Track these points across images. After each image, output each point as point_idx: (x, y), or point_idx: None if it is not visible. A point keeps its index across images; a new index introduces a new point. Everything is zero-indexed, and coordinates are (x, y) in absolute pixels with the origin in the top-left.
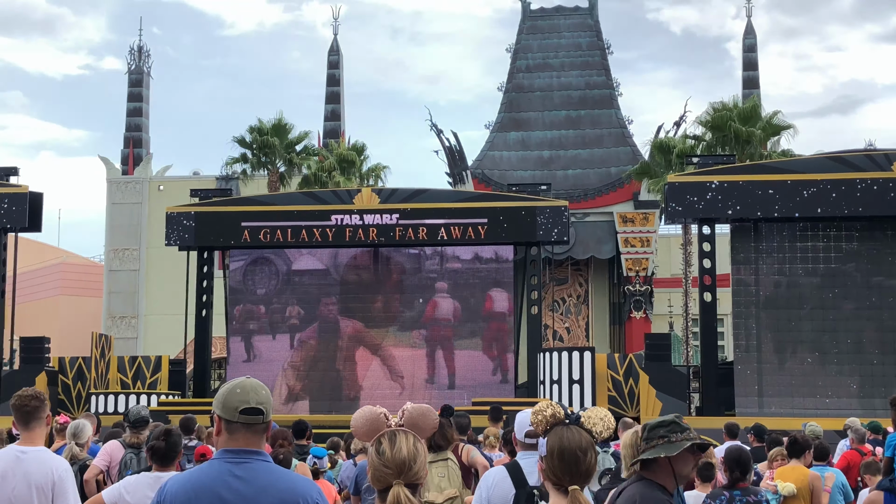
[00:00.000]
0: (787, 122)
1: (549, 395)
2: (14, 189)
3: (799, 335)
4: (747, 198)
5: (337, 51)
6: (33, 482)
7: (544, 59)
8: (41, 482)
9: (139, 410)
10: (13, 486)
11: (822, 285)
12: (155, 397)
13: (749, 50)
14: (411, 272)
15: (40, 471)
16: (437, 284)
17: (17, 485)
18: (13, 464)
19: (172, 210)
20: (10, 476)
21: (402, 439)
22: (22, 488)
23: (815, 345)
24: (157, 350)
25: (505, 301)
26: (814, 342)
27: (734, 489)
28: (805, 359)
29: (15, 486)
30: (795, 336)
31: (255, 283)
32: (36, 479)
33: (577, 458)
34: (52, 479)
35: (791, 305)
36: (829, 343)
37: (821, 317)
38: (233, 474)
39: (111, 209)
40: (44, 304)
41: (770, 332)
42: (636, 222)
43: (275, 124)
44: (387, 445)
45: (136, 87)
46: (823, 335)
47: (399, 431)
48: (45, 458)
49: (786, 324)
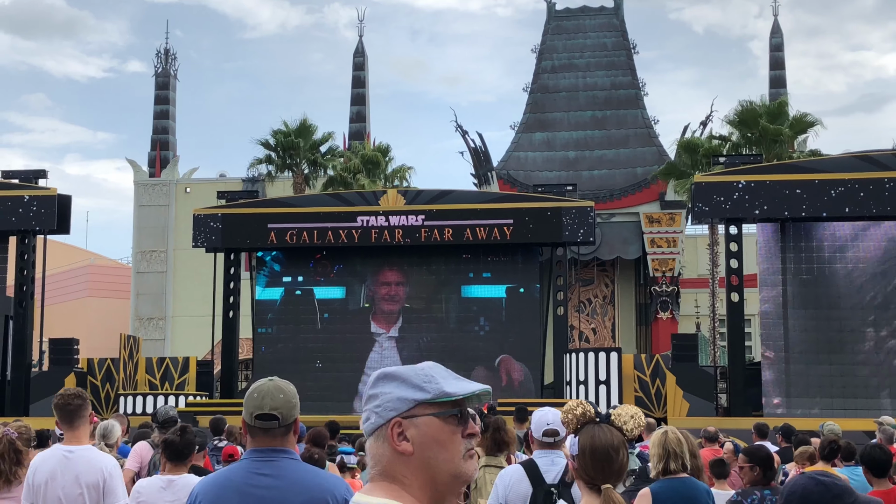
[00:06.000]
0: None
1: (576, 396)
2: (42, 192)
3: (827, 335)
4: (774, 197)
5: (362, 52)
6: (83, 481)
7: (570, 60)
8: (92, 481)
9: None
10: (62, 485)
11: (851, 285)
12: (183, 398)
13: (776, 49)
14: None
15: (91, 469)
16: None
17: (66, 483)
18: (62, 463)
19: (199, 212)
20: (59, 475)
21: None
22: (72, 487)
23: (844, 345)
24: (184, 351)
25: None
26: (842, 342)
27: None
28: (833, 359)
29: (64, 484)
30: (823, 336)
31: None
32: (87, 478)
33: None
34: (102, 477)
35: (819, 305)
36: (858, 343)
37: (849, 316)
38: (260, 472)
39: (138, 211)
40: (72, 305)
41: (798, 332)
42: (662, 223)
43: (299, 126)
44: None
45: (162, 90)
46: (852, 335)
47: None
48: (94, 456)
49: (814, 324)
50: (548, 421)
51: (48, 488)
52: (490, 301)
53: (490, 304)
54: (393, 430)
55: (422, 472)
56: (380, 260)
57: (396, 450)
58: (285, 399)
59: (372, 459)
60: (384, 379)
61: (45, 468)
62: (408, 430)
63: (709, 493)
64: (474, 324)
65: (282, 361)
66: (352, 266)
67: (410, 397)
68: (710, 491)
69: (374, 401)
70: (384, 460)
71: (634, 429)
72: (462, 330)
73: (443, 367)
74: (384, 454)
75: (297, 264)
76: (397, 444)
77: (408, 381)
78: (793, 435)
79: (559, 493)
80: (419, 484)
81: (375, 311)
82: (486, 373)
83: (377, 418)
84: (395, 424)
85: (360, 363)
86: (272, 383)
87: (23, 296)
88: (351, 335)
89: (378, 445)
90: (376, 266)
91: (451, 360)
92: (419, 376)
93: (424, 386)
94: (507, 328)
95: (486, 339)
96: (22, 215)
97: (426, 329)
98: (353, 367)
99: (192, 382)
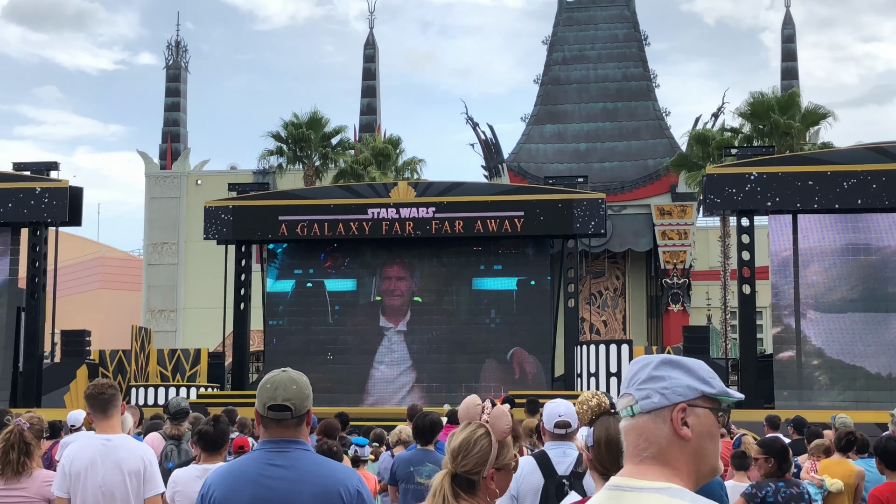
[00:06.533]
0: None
1: (587, 388)
2: (54, 184)
3: (839, 327)
4: (786, 189)
5: (373, 45)
6: (125, 468)
7: (581, 51)
8: (133, 468)
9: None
10: (103, 473)
11: (863, 277)
12: (194, 390)
13: (788, 40)
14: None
15: (131, 457)
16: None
17: (107, 471)
18: (101, 451)
19: (211, 204)
20: (100, 463)
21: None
22: (113, 474)
23: (856, 336)
24: (195, 343)
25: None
26: (854, 334)
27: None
28: (846, 351)
29: (105, 472)
30: (835, 327)
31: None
32: (128, 465)
33: None
34: (143, 465)
35: (831, 297)
36: (870, 335)
37: (862, 308)
38: (273, 463)
39: (150, 204)
40: (84, 297)
41: (809, 323)
42: (674, 215)
43: (310, 118)
44: (455, 433)
45: (173, 83)
46: (864, 327)
47: (472, 423)
48: (132, 445)
49: (825, 316)
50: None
51: (87, 476)
52: (501, 293)
53: (501, 296)
54: (677, 414)
55: (693, 460)
56: (390, 252)
57: (678, 433)
58: (298, 390)
59: (644, 440)
60: (669, 365)
61: (83, 456)
62: (689, 417)
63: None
64: (485, 316)
65: (292, 353)
66: (362, 258)
67: (698, 388)
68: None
69: (660, 382)
70: (662, 442)
71: None
72: (473, 322)
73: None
74: (662, 436)
75: (308, 256)
76: (679, 428)
77: (694, 372)
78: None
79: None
80: (688, 471)
81: (385, 303)
82: (497, 365)
83: (661, 399)
84: (680, 409)
85: (370, 356)
86: (285, 374)
87: (35, 287)
88: (362, 328)
89: (656, 426)
90: (387, 258)
91: (461, 352)
92: (704, 371)
93: (711, 381)
94: (517, 321)
95: (497, 331)
96: (34, 207)
97: (437, 321)
98: (363, 359)
99: (204, 374)
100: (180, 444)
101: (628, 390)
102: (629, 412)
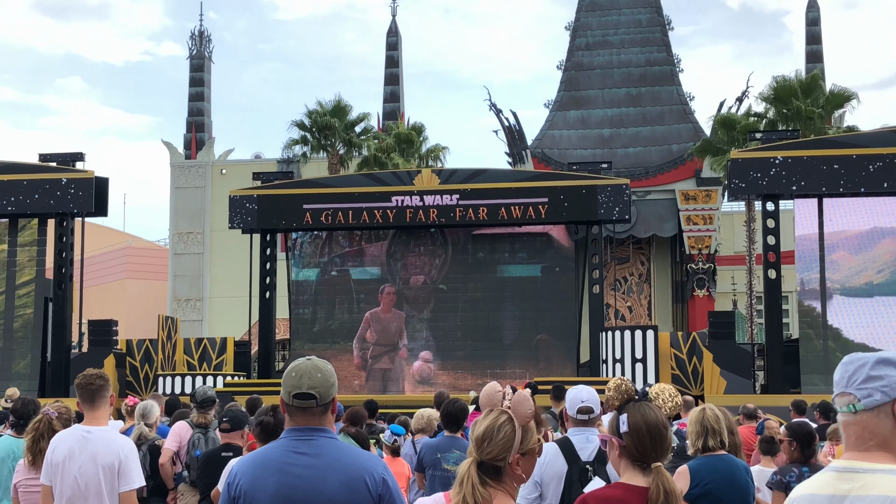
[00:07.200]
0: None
1: (612, 374)
2: (80, 174)
3: (865, 310)
4: (812, 173)
5: (395, 32)
6: (100, 462)
7: (604, 37)
8: (107, 462)
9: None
10: (79, 465)
11: (889, 261)
12: (220, 378)
13: (812, 23)
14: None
15: (107, 451)
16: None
17: (83, 463)
18: (80, 443)
19: (235, 193)
20: (77, 455)
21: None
22: (88, 467)
23: (882, 320)
24: (221, 332)
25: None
26: (880, 318)
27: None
28: (872, 334)
29: (81, 464)
30: (861, 311)
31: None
32: (103, 459)
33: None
34: (118, 459)
35: (857, 281)
36: None
37: (888, 292)
38: (298, 451)
39: (175, 193)
40: (111, 287)
41: (835, 308)
42: (698, 199)
43: (334, 106)
44: (479, 420)
45: (197, 72)
46: (890, 311)
47: (495, 410)
48: (111, 438)
49: (851, 300)
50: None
51: (65, 467)
52: (525, 280)
53: (525, 283)
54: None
55: None
56: (415, 240)
57: None
58: (323, 378)
59: (869, 433)
60: (885, 363)
61: (63, 447)
62: None
63: (747, 470)
64: (510, 303)
65: (318, 342)
66: (386, 246)
67: None
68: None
69: (879, 381)
70: (886, 433)
71: (673, 409)
72: (497, 309)
73: None
74: (886, 428)
75: (333, 245)
76: None
77: None
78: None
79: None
80: None
81: (409, 291)
82: (521, 352)
83: (883, 396)
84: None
85: (395, 343)
86: (310, 363)
87: (62, 278)
88: (386, 315)
89: (879, 421)
90: (411, 246)
91: (486, 339)
92: None
93: None
94: (542, 307)
95: (522, 318)
96: (60, 198)
97: (462, 309)
98: (388, 347)
99: (230, 363)
100: (207, 432)
101: (847, 389)
102: (851, 409)
